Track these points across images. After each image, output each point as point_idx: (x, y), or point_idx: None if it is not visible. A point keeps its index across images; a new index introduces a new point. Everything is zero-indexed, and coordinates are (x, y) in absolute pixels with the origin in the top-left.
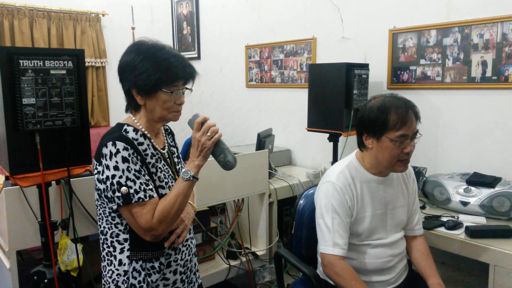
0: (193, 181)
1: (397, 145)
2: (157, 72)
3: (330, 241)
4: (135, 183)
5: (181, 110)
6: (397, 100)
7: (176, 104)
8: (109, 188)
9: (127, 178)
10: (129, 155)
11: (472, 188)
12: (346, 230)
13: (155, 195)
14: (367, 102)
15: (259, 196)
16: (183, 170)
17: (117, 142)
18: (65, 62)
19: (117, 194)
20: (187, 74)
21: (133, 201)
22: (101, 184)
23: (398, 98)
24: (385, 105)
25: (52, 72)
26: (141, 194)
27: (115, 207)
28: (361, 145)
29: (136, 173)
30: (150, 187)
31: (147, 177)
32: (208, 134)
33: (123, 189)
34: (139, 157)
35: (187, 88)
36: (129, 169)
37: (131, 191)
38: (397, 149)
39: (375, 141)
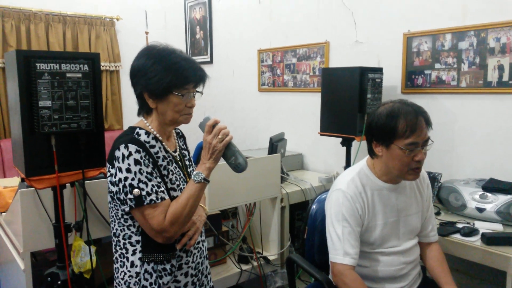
0: (204, 184)
1: (407, 153)
2: (168, 76)
3: (340, 250)
4: (147, 185)
5: (192, 113)
6: (407, 106)
7: (187, 107)
8: (121, 191)
9: (139, 180)
10: (141, 157)
11: (489, 194)
12: (356, 239)
13: (166, 197)
14: (376, 108)
15: (271, 201)
16: (194, 172)
17: (129, 145)
18: (81, 65)
19: (130, 196)
20: (197, 77)
21: (145, 203)
22: (114, 186)
23: (407, 104)
24: (393, 112)
25: (68, 75)
26: (153, 196)
27: (127, 209)
28: (371, 153)
29: (148, 176)
30: (162, 189)
31: (159, 180)
32: (219, 136)
33: (135, 191)
34: (151, 160)
35: (197, 91)
36: (141, 171)
37: (143, 193)
38: (407, 157)
39: (385, 149)
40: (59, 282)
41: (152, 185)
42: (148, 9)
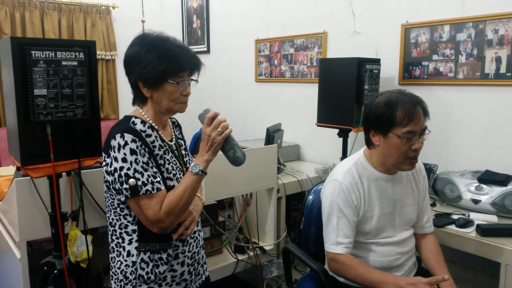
0: (202, 176)
1: (404, 142)
2: (163, 64)
3: (334, 240)
4: (143, 175)
5: (188, 101)
6: (404, 96)
7: (183, 96)
8: (117, 180)
9: (135, 170)
10: (137, 147)
11: (484, 186)
12: (351, 229)
13: (162, 187)
14: (374, 98)
15: (268, 191)
16: (192, 164)
17: (125, 134)
18: (77, 53)
19: (125, 186)
20: (192, 65)
21: (140, 193)
22: (109, 176)
23: (405, 94)
24: (391, 101)
25: (63, 63)
26: (149, 186)
27: (123, 199)
28: (368, 142)
29: (144, 165)
30: (158, 179)
31: (155, 169)
32: (219, 129)
33: (131, 181)
34: (147, 149)
35: (193, 79)
36: (137, 161)
37: (139, 183)
38: (404, 145)
39: (382, 138)
40: (55, 271)
41: (148, 175)
42: None
